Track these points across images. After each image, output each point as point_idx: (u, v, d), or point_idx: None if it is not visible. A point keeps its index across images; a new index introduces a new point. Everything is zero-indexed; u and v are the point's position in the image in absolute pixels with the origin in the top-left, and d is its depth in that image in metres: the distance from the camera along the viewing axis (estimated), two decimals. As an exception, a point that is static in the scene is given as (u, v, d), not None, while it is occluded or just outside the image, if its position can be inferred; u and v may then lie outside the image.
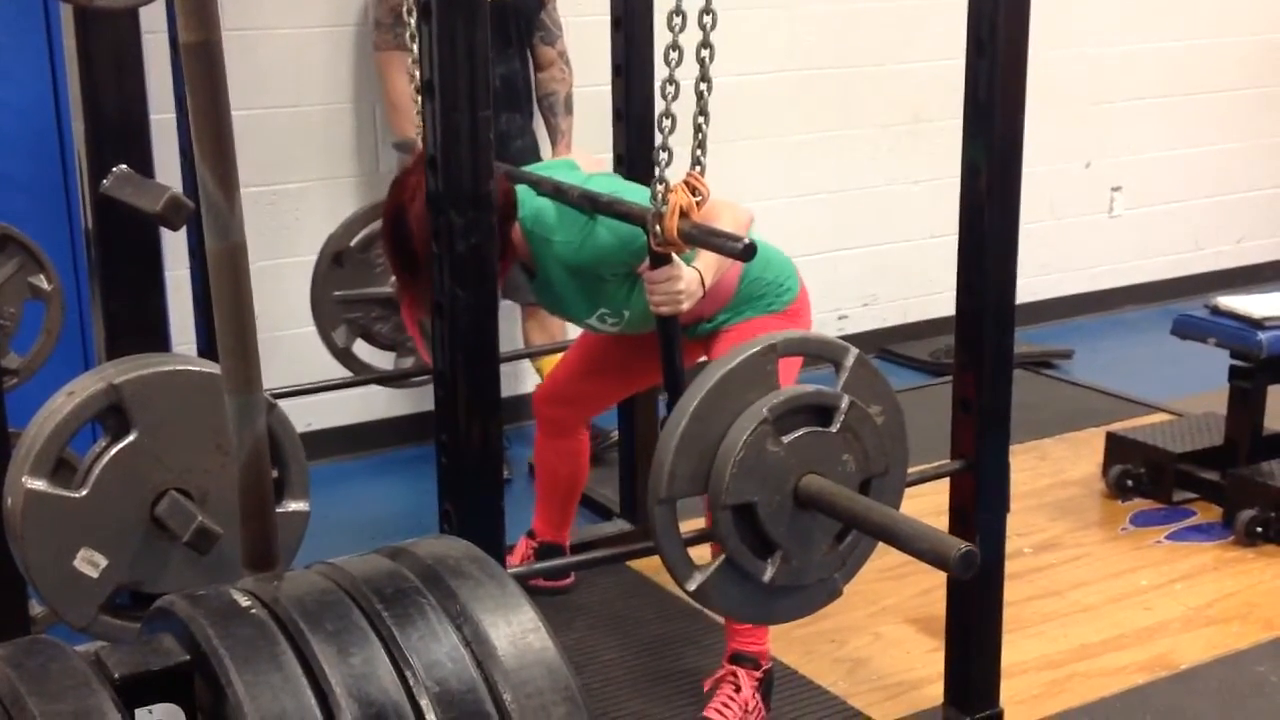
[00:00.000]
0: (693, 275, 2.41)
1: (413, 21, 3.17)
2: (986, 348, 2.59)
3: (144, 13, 2.37)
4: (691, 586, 2.07)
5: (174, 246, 3.21)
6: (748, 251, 2.20)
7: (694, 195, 2.24)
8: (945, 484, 2.70)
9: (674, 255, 2.35)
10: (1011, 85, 2.51)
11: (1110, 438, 3.87)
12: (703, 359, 2.76)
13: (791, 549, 2.08)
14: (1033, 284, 5.12)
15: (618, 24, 3.31)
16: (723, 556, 2.08)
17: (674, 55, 2.17)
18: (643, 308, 2.60)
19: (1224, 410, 3.75)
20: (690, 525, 2.14)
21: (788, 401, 2.04)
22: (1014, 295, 2.64)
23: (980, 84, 2.51)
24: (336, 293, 3.33)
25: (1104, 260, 5.67)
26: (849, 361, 2.13)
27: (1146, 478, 3.76)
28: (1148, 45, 5.56)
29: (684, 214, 2.25)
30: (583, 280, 2.64)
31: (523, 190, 2.66)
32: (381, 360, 3.55)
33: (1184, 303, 5.27)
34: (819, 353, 2.18)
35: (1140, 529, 3.65)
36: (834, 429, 2.08)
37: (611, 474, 3.81)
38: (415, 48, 3.20)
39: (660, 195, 2.24)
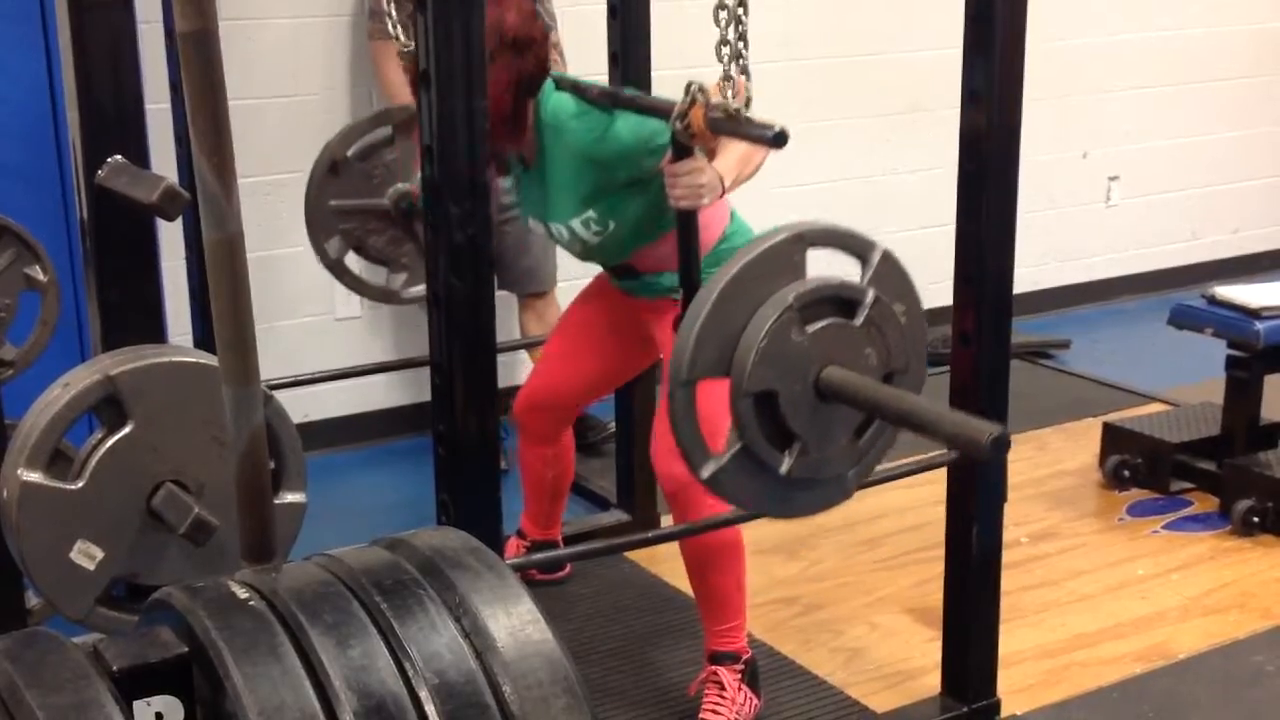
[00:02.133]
0: (714, 171, 2.39)
1: (392, 9, 3.19)
2: (984, 338, 2.59)
3: (139, 1, 2.36)
4: (706, 474, 2.02)
5: (170, 236, 3.21)
6: (779, 139, 2.18)
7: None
8: (942, 473, 2.70)
9: (697, 151, 2.33)
10: (1009, 75, 2.51)
11: (1107, 428, 3.87)
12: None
13: (810, 441, 2.03)
14: (1030, 274, 5.12)
15: (614, 12, 3.30)
16: (739, 445, 2.03)
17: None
18: (631, 222, 2.59)
19: (1221, 400, 3.75)
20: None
21: (814, 291, 2.00)
22: (1011, 285, 2.64)
23: (978, 73, 2.51)
24: (332, 202, 3.24)
25: (1101, 250, 5.67)
26: (875, 257, 2.08)
27: (1143, 468, 3.76)
28: (1145, 34, 5.56)
29: (712, 107, 2.22)
30: (584, 176, 2.58)
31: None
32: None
33: (1181, 292, 5.27)
34: (846, 245, 2.12)
35: (1137, 519, 3.65)
36: (858, 322, 2.04)
37: (608, 464, 3.80)
38: (401, 33, 3.22)
39: (691, 90, 2.22)
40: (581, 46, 4.04)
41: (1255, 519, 3.50)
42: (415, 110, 3.28)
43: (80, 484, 1.89)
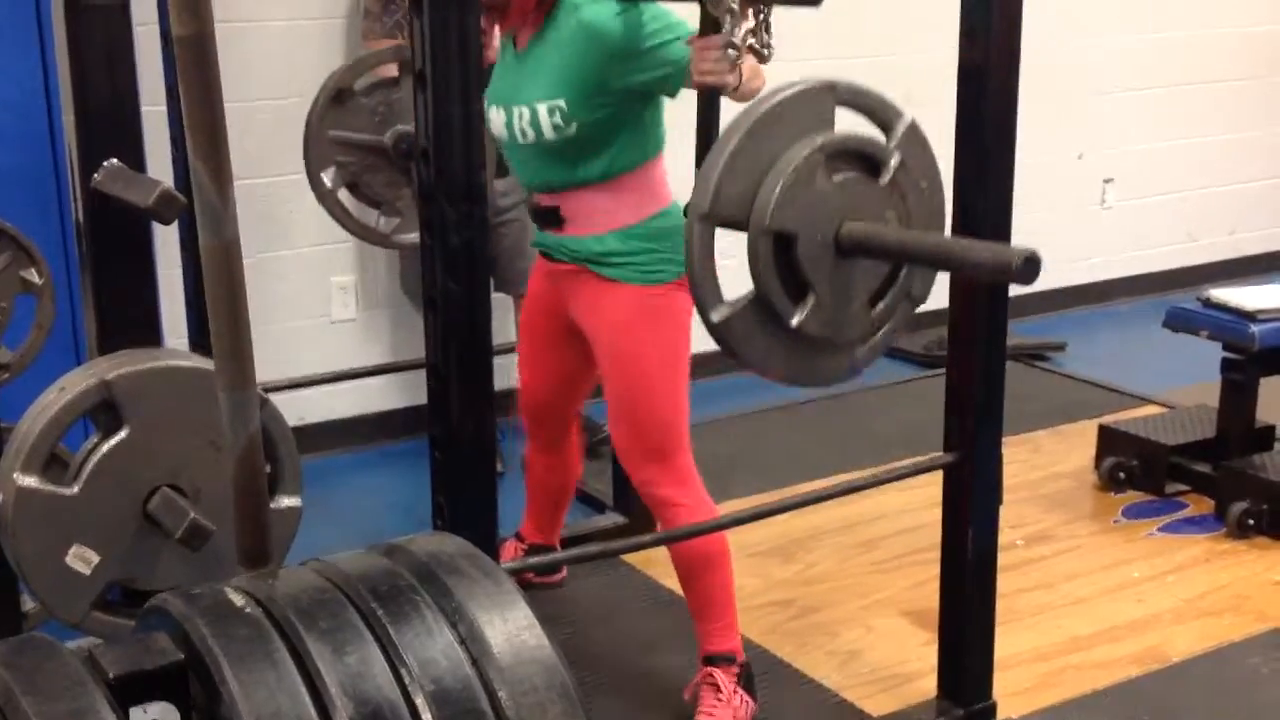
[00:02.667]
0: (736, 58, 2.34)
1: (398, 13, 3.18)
2: (979, 340, 2.59)
3: (135, 4, 2.36)
4: (717, 318, 1.97)
5: (166, 238, 3.21)
6: None
7: None
8: (938, 476, 2.70)
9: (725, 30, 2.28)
10: (1003, 76, 2.50)
11: (1102, 430, 3.88)
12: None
13: (825, 295, 2.00)
14: (1025, 276, 5.12)
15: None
16: (752, 292, 1.99)
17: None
18: (590, 132, 2.52)
19: (1216, 403, 3.76)
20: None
21: (842, 140, 1.98)
22: (1007, 287, 2.64)
23: (972, 73, 2.50)
24: (332, 132, 3.20)
25: (1097, 252, 5.67)
26: (901, 126, 2.06)
27: (1139, 470, 3.76)
28: (1139, 37, 5.57)
29: None
30: (580, 60, 2.50)
31: None
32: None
33: (1177, 295, 5.28)
34: (874, 109, 2.09)
35: (1132, 521, 3.65)
36: (882, 182, 2.01)
37: (604, 467, 3.80)
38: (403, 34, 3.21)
39: None
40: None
41: (1250, 521, 3.50)
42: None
43: (76, 488, 1.89)
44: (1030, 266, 1.82)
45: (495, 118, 2.64)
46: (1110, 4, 5.46)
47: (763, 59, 2.32)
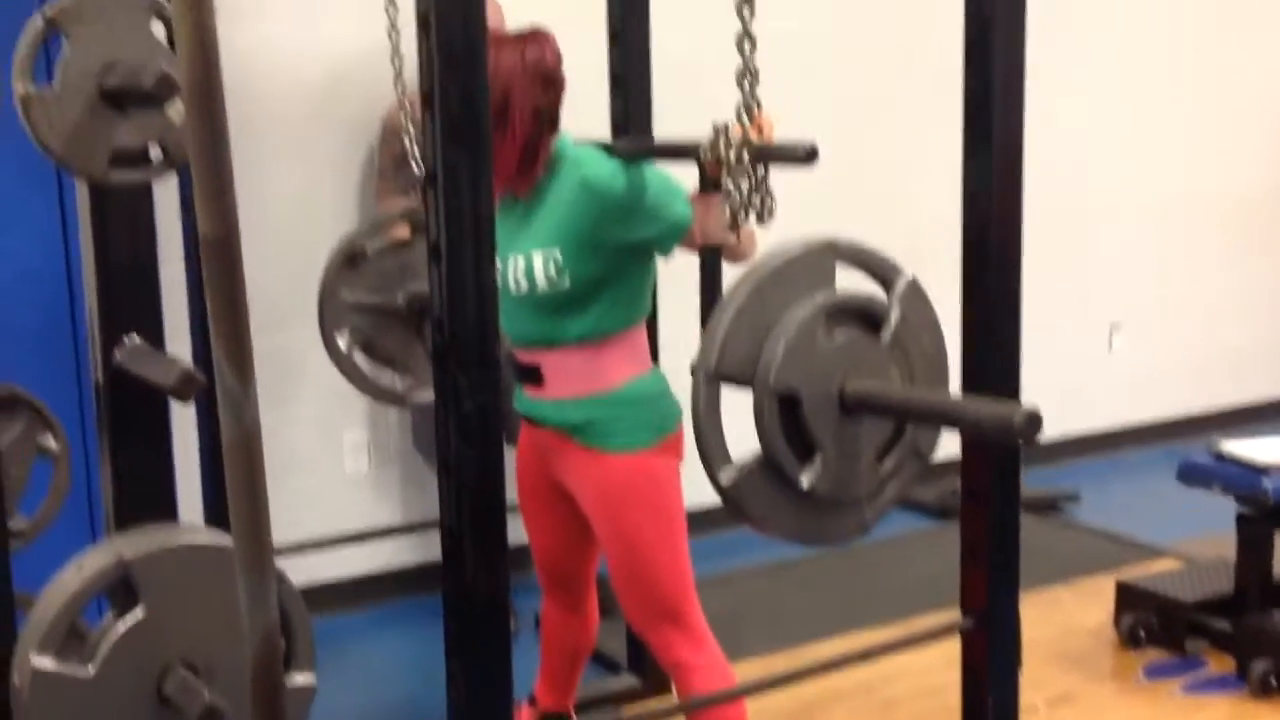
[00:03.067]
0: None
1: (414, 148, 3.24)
2: (993, 497, 2.58)
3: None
4: (725, 480, 1.96)
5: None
6: (810, 155, 2.18)
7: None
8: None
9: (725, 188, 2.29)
10: (1007, 232, 2.53)
11: (1120, 587, 3.84)
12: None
13: (833, 454, 2.00)
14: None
15: (616, 130, 3.33)
16: (760, 453, 1.99)
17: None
18: (582, 287, 2.54)
19: (1233, 555, 3.72)
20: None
21: (843, 300, 2.00)
22: (1018, 444, 2.63)
23: (976, 232, 2.54)
24: (346, 295, 3.25)
25: (1104, 398, 5.68)
26: (901, 284, 2.08)
27: (1158, 628, 3.72)
28: (1144, 185, 5.65)
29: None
30: (578, 214, 2.53)
31: (564, 136, 2.64)
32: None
33: (1187, 442, 5.27)
34: (874, 266, 2.12)
35: (1155, 681, 3.59)
36: (884, 340, 2.03)
37: (618, 626, 3.75)
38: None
39: (718, 126, 2.21)
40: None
41: (1273, 681, 3.44)
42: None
43: (92, 670, 1.87)
44: (1032, 424, 1.83)
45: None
46: (1115, 154, 5.55)
47: (762, 219, 2.35)
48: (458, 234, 2.06)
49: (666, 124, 3.38)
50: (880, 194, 5.01)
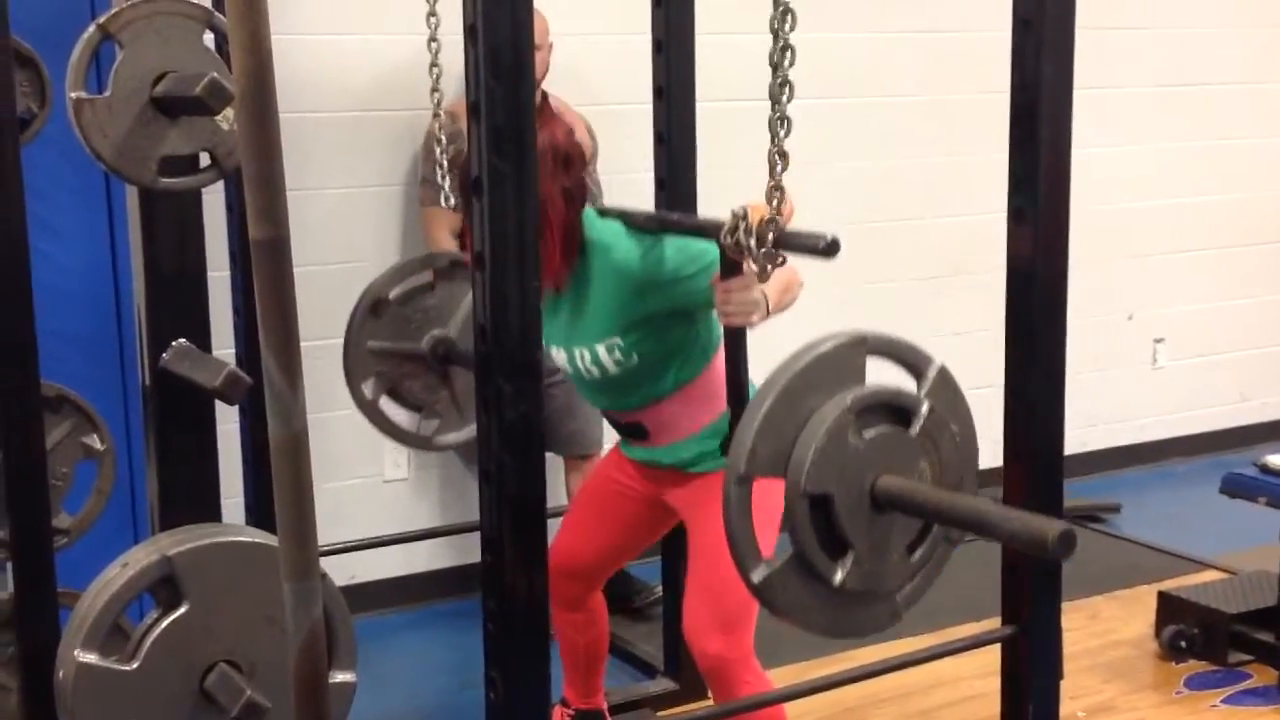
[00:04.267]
0: (762, 290, 2.40)
1: (445, 184, 3.28)
2: (1034, 509, 2.57)
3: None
4: (757, 578, 1.97)
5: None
6: (831, 247, 2.20)
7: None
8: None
9: (746, 269, 2.34)
10: (1053, 243, 2.53)
11: (1162, 597, 3.81)
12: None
13: (864, 551, 2.00)
14: (1077, 435, 5.09)
15: (661, 184, 3.36)
16: (792, 552, 1.99)
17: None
18: (652, 360, 2.61)
19: (1276, 568, 3.69)
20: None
21: (872, 396, 1.99)
22: (1061, 455, 2.63)
23: (1023, 246, 2.54)
24: (371, 343, 3.28)
25: (1149, 412, 5.64)
26: (932, 372, 2.08)
27: (1200, 639, 3.69)
28: (1186, 199, 5.61)
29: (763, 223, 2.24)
30: (623, 299, 2.59)
31: (588, 211, 2.67)
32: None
33: (1232, 454, 5.23)
34: (903, 357, 2.12)
35: (1196, 692, 3.57)
36: (913, 433, 2.03)
37: (655, 629, 3.77)
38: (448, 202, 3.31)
39: (739, 212, 2.24)
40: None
41: (1317, 693, 3.41)
42: (457, 257, 3.38)
43: (135, 665, 1.90)
44: (1066, 542, 1.81)
45: (557, 355, 2.76)
46: (1159, 166, 5.52)
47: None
48: (502, 243, 2.07)
49: (708, 135, 3.40)
50: (921, 210, 5.00)
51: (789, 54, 2.15)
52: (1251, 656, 3.65)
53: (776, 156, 2.18)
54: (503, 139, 2.02)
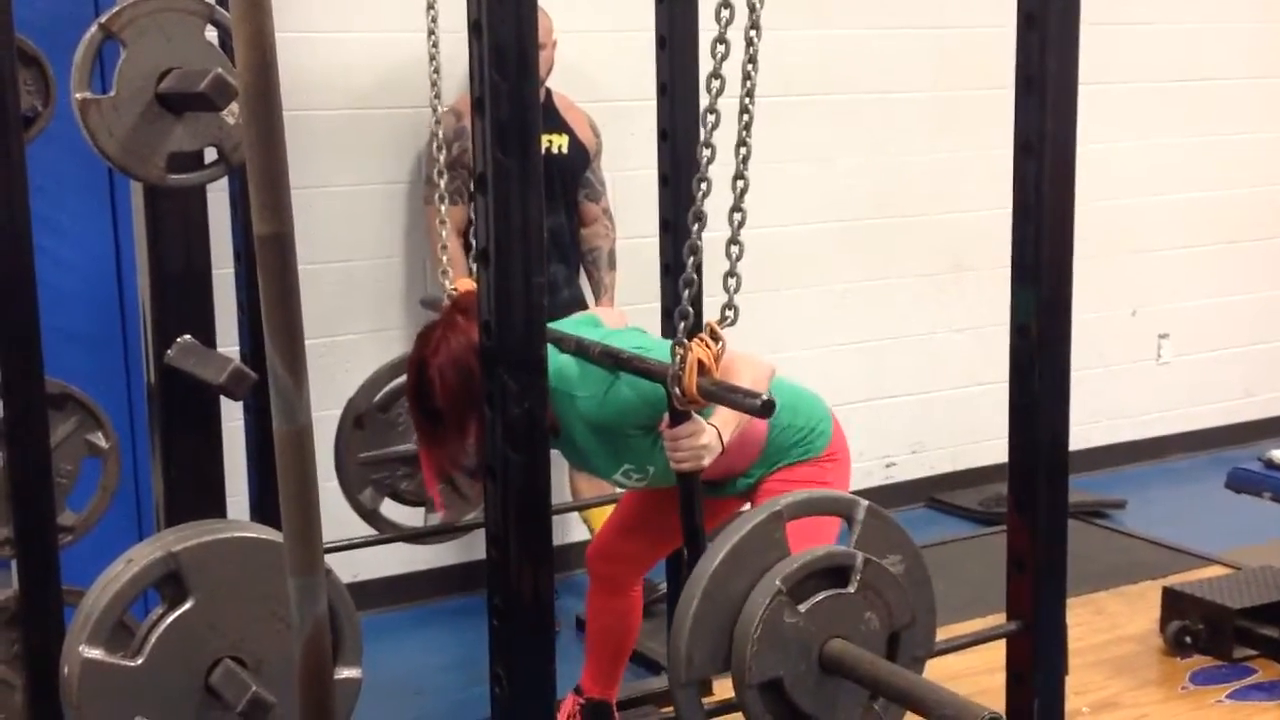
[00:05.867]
0: (713, 431, 2.42)
1: (442, 182, 3.28)
2: (1040, 508, 2.58)
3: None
4: None
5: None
6: (766, 408, 2.20)
7: (715, 343, 2.25)
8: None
9: (693, 413, 2.36)
10: (1057, 238, 2.53)
11: (1167, 593, 3.81)
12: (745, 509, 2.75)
13: (826, 716, 2.03)
14: (1082, 431, 5.08)
15: (665, 180, 3.36)
16: None
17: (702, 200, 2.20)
18: (666, 462, 2.61)
19: (1281, 564, 3.70)
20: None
21: (800, 569, 2.01)
22: (1066, 452, 2.63)
23: (1027, 243, 2.54)
24: (361, 455, 3.32)
25: (1153, 408, 5.64)
26: (860, 515, 2.10)
27: (1205, 634, 3.69)
28: (1189, 194, 5.61)
29: (704, 370, 2.26)
30: (605, 437, 2.66)
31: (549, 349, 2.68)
32: (410, 519, 3.52)
33: (1236, 450, 5.23)
34: (827, 509, 2.16)
35: (1200, 688, 3.57)
36: (852, 589, 2.04)
37: (660, 626, 3.76)
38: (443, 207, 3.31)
39: (680, 356, 2.26)
40: (630, 211, 4.14)
41: (1323, 688, 3.41)
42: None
43: (140, 661, 1.90)
44: None
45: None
46: (1162, 161, 5.52)
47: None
48: (506, 238, 2.07)
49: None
50: (924, 206, 5.00)
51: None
52: (1256, 651, 3.65)
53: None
54: (507, 134, 2.02)
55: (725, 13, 2.14)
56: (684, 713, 1.99)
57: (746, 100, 2.20)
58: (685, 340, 2.24)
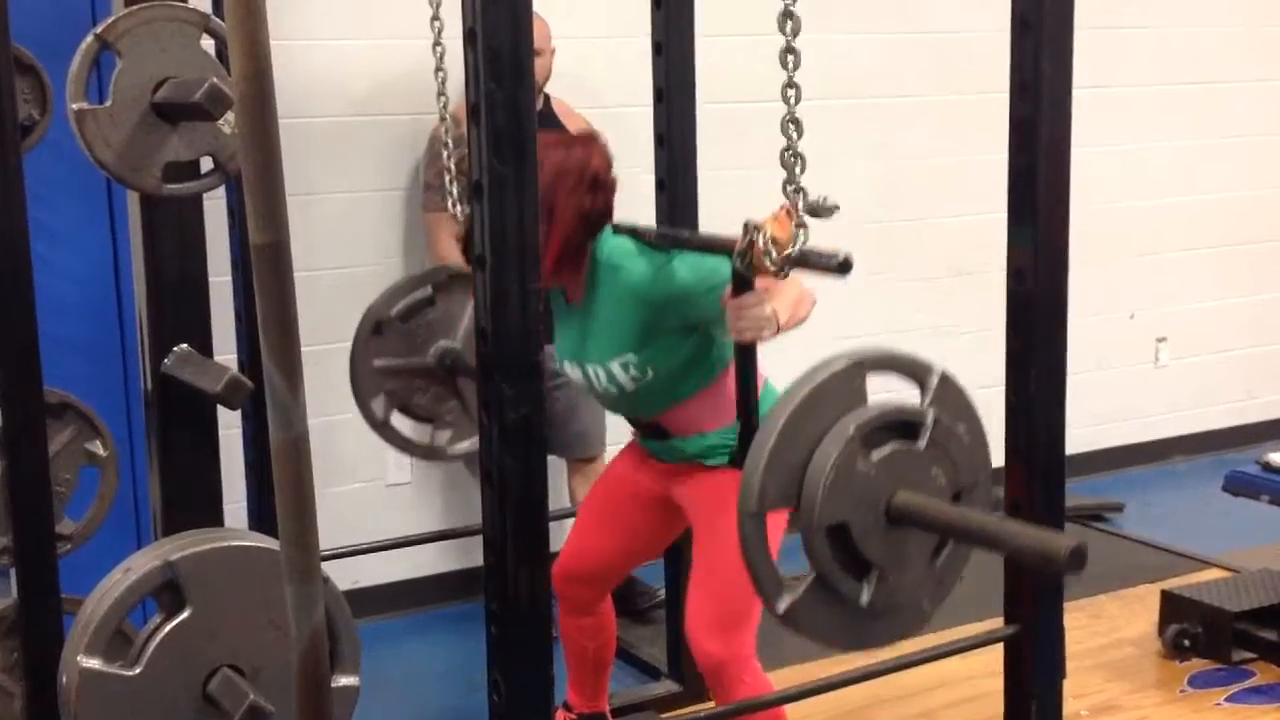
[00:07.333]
0: (773, 308, 2.40)
1: (453, 189, 3.29)
2: (1037, 510, 2.58)
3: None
4: (781, 608, 1.98)
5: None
6: (844, 266, 2.21)
7: (791, 221, 2.24)
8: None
9: (758, 286, 2.35)
10: (1054, 242, 2.54)
11: (1166, 596, 3.81)
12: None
13: (888, 568, 2.02)
14: (1079, 435, 5.08)
15: (661, 185, 3.36)
16: (813, 576, 2.00)
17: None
18: (668, 373, 2.61)
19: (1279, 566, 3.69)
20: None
21: (875, 418, 2.00)
22: (1063, 456, 2.64)
23: (1023, 246, 2.54)
24: (376, 362, 3.30)
25: (1151, 411, 5.64)
26: (934, 380, 2.09)
27: (1204, 637, 3.69)
28: (1186, 197, 5.61)
29: (777, 244, 2.24)
30: (634, 317, 2.61)
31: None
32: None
33: (1235, 453, 5.23)
34: (904, 369, 2.13)
35: (1199, 690, 3.57)
36: (921, 445, 2.04)
37: (658, 632, 3.77)
38: (457, 210, 3.31)
39: (754, 226, 2.24)
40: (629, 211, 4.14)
41: (1321, 691, 3.41)
42: (455, 270, 3.39)
43: (138, 670, 1.90)
44: (1077, 558, 1.83)
45: (571, 371, 2.77)
46: (1160, 164, 5.52)
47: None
48: (502, 245, 2.08)
49: (708, 137, 3.41)
50: (922, 210, 5.01)
51: (794, 56, 2.15)
52: (1255, 655, 3.65)
53: (792, 157, 2.21)
54: (503, 142, 2.02)
55: (790, 23, 2.13)
56: (750, 541, 1.96)
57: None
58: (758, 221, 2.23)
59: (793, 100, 2.17)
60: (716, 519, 2.69)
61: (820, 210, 2.25)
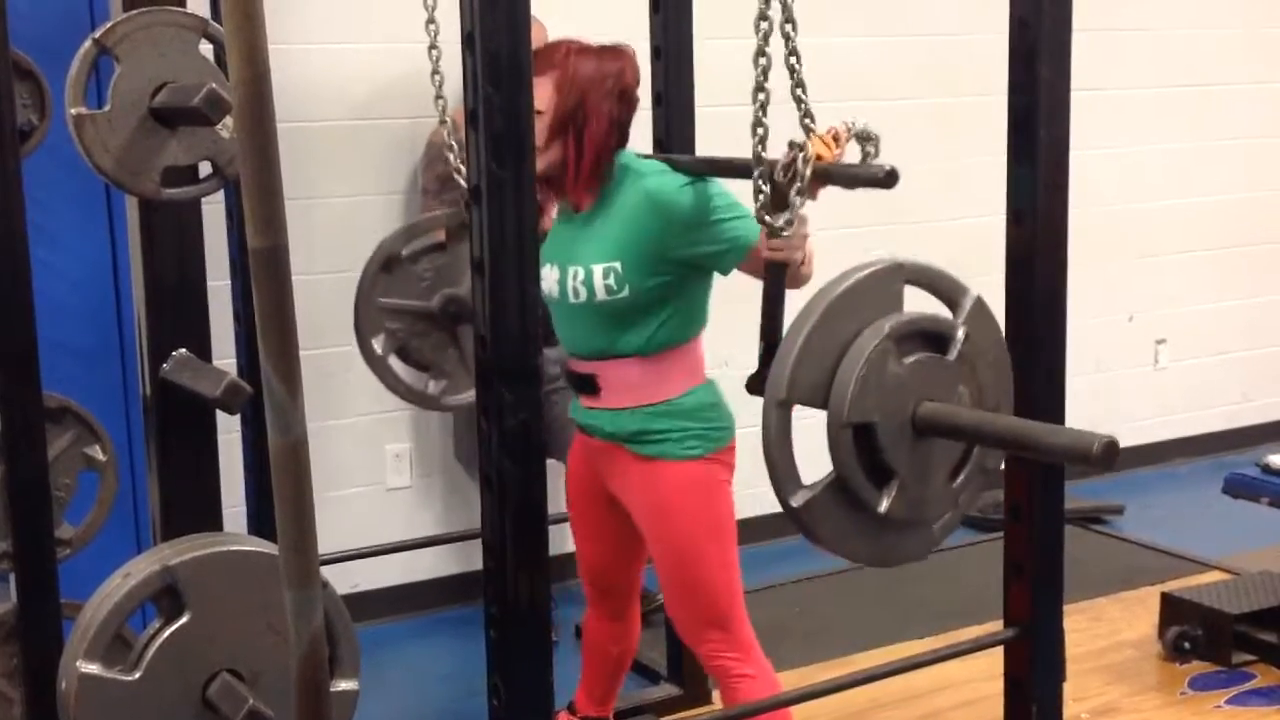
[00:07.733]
0: (804, 235, 2.39)
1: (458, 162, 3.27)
2: (1036, 510, 2.58)
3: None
4: (797, 503, 1.97)
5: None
6: (890, 176, 2.24)
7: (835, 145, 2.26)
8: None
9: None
10: (1053, 244, 2.53)
11: (1166, 598, 3.81)
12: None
13: (909, 478, 2.01)
14: (1079, 437, 5.10)
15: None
16: (833, 475, 1.99)
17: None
18: (643, 298, 2.56)
19: (1279, 568, 3.69)
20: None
21: (910, 323, 2.01)
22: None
23: (1022, 248, 2.54)
24: (382, 299, 3.29)
25: (1150, 413, 5.64)
26: (967, 302, 2.10)
27: (1204, 640, 3.69)
28: (1185, 199, 5.61)
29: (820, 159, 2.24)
30: (640, 227, 2.55)
31: (628, 152, 2.67)
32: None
33: (1235, 455, 5.23)
34: (940, 286, 2.14)
35: (1200, 693, 3.57)
36: (951, 358, 2.04)
37: (658, 635, 3.76)
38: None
39: (797, 145, 2.26)
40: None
41: (1322, 693, 3.41)
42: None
43: (137, 675, 1.90)
44: (1109, 452, 1.84)
45: (548, 275, 2.65)
46: (1158, 166, 5.52)
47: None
48: (501, 250, 2.07)
49: (707, 141, 3.40)
50: (920, 213, 5.00)
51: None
52: (1255, 657, 3.65)
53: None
54: (501, 146, 2.02)
55: (764, 24, 2.18)
56: (774, 431, 1.95)
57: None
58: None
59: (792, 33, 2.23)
60: (662, 521, 2.67)
61: (864, 139, 2.27)
